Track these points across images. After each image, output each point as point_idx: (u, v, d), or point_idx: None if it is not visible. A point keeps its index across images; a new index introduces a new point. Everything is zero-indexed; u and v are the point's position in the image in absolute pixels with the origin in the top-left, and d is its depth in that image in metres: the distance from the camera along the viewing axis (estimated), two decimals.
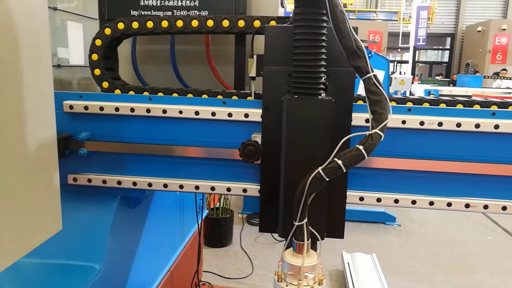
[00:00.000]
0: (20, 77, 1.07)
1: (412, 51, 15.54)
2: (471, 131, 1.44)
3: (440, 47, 23.77)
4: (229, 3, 1.84)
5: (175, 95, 1.74)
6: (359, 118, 1.44)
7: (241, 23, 1.69)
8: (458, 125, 1.43)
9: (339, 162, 1.07)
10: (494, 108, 1.53)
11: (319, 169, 1.10)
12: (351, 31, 1.13)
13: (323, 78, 1.29)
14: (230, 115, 1.54)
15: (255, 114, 1.51)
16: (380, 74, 4.90)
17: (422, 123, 1.44)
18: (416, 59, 22.61)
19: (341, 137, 1.20)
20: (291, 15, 1.61)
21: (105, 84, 1.81)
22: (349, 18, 1.15)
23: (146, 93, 1.75)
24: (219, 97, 1.69)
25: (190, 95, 1.73)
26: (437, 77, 18.93)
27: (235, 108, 1.55)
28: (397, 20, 17.87)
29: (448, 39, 22.77)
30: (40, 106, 1.16)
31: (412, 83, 10.30)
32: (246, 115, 1.53)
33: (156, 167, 1.65)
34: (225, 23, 1.70)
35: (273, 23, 1.66)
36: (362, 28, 16.78)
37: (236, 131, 1.56)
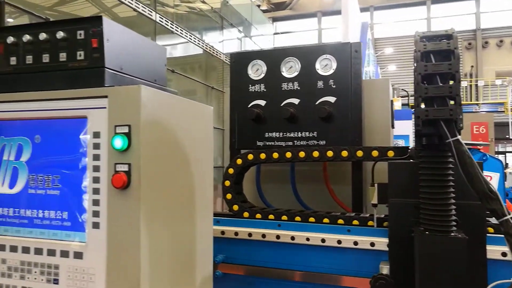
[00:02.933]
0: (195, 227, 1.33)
1: None
2: None
3: None
4: (345, 133, 2.01)
5: (297, 219, 1.88)
6: (494, 251, 1.41)
7: (360, 153, 1.82)
8: None
9: None
10: None
11: None
12: (481, 175, 1.19)
13: (453, 214, 1.32)
14: (356, 243, 1.61)
15: (381, 243, 1.56)
16: (496, 177, 4.62)
17: None
18: None
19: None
20: (410, 147, 1.71)
21: (235, 207, 2.03)
22: None
23: (271, 216, 1.92)
24: (340, 221, 1.78)
25: (312, 219, 1.85)
26: None
27: (360, 237, 1.62)
28: (504, 111, 16.81)
29: None
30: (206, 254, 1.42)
31: None
32: (372, 244, 1.58)
33: None
34: (344, 153, 1.85)
35: (390, 153, 1.76)
36: (464, 121, 16.00)
37: (362, 259, 1.61)
